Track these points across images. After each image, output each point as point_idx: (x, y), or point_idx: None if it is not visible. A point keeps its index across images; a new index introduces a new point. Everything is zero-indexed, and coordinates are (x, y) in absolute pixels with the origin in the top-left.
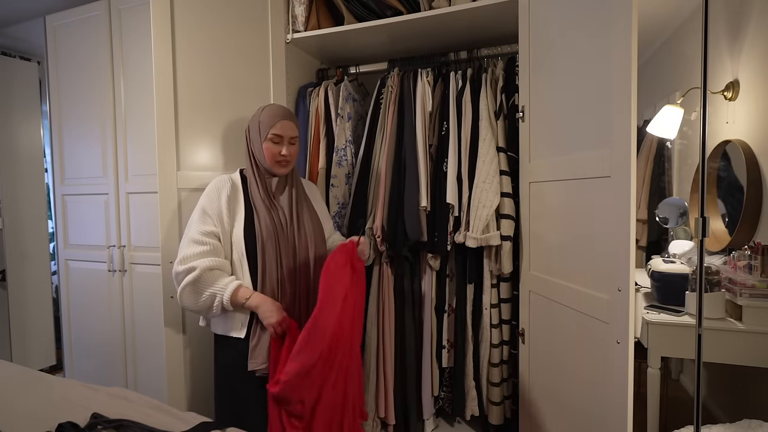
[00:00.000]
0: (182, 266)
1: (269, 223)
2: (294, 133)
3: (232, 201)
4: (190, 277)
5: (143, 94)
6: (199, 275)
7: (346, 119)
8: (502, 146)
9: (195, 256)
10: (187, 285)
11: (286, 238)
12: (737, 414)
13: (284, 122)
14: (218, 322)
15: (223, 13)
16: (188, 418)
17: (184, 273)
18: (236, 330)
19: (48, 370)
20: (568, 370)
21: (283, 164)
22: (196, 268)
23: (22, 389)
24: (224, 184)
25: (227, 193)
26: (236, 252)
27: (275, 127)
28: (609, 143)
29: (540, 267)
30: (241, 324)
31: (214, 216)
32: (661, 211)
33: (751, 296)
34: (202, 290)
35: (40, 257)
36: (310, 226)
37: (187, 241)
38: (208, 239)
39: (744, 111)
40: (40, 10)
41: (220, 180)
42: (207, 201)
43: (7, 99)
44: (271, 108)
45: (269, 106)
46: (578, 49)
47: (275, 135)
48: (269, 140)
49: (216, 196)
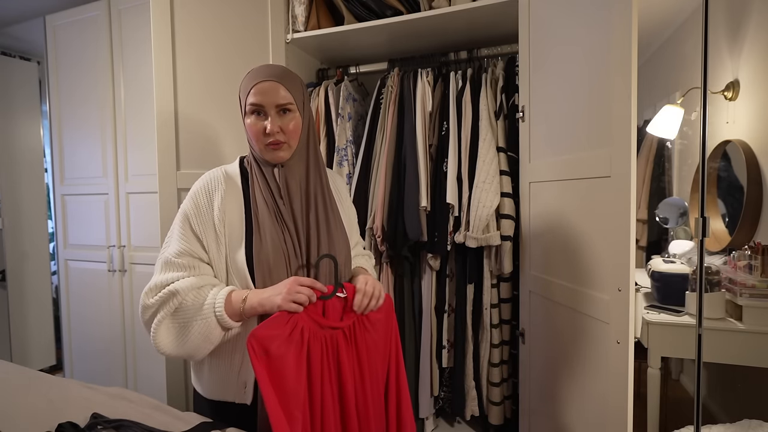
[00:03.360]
0: (152, 298)
1: (276, 242)
2: (282, 99)
3: (229, 206)
4: (168, 308)
5: (143, 95)
6: (180, 302)
7: (347, 119)
8: (502, 146)
9: (170, 281)
10: (164, 319)
11: (299, 263)
12: (737, 414)
13: (264, 84)
14: (211, 383)
15: (223, 13)
16: (188, 418)
17: (156, 304)
18: (237, 394)
19: (48, 370)
20: (568, 370)
21: (274, 146)
22: (177, 292)
23: (22, 389)
24: (217, 184)
25: (221, 196)
26: (238, 281)
27: (251, 94)
28: (609, 143)
29: (540, 267)
30: (245, 385)
31: (201, 230)
32: (661, 211)
33: (751, 296)
34: (188, 321)
35: (40, 257)
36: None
37: (160, 265)
38: (190, 261)
39: (744, 111)
40: (40, 10)
41: (210, 177)
42: (192, 207)
43: (7, 99)
44: (254, 69)
45: (253, 68)
46: (578, 48)
47: (252, 104)
48: (249, 113)
49: (206, 202)
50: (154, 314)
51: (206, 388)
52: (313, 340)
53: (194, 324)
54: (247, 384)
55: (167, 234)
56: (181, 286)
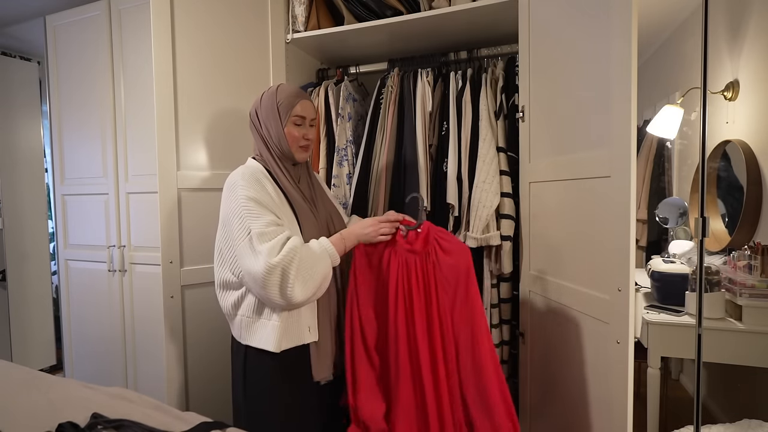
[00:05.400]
0: (274, 258)
1: (313, 222)
2: (314, 114)
3: (275, 196)
4: (296, 262)
5: (143, 95)
6: (301, 254)
7: (347, 119)
8: (502, 146)
9: (279, 243)
10: (299, 272)
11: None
12: (737, 414)
13: (305, 102)
14: (279, 334)
15: (223, 13)
16: (188, 418)
17: (281, 263)
18: (304, 336)
19: (48, 370)
20: (568, 370)
21: (305, 149)
22: (295, 247)
23: (22, 389)
24: (260, 176)
25: (269, 184)
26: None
27: (297, 108)
28: (609, 143)
29: (540, 267)
30: (308, 329)
31: (271, 206)
32: (661, 211)
33: (751, 296)
34: (313, 266)
35: (40, 257)
36: (336, 216)
37: (256, 237)
38: (277, 228)
39: (744, 111)
40: (40, 10)
41: (252, 170)
42: (254, 192)
43: (7, 99)
44: (287, 87)
45: (282, 85)
46: (578, 48)
47: (298, 117)
48: (291, 123)
49: (260, 187)
50: (285, 272)
51: (272, 340)
52: (393, 257)
53: (318, 268)
54: (310, 327)
55: (236, 219)
56: (294, 243)
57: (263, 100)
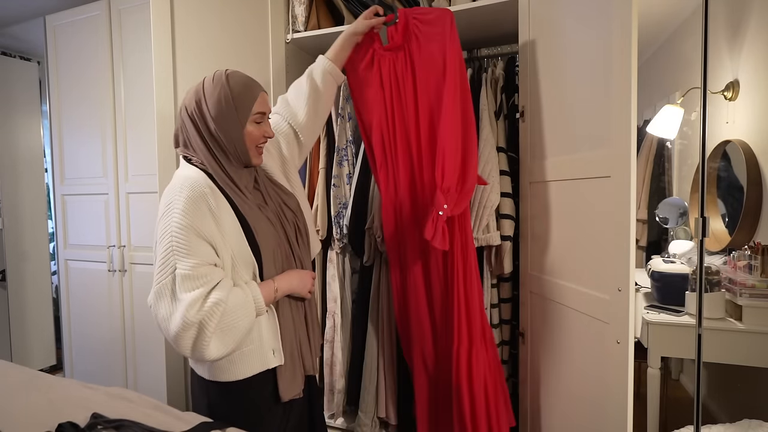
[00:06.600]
0: (193, 314)
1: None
2: (270, 107)
3: (221, 209)
4: (215, 319)
5: (143, 94)
6: (224, 309)
7: (347, 119)
8: (502, 146)
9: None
10: (216, 331)
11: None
12: (737, 414)
13: (264, 93)
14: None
15: (223, 13)
16: (188, 418)
17: (198, 319)
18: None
19: (48, 370)
20: (568, 370)
21: (261, 150)
22: (219, 301)
23: (22, 389)
24: (202, 192)
25: (212, 201)
26: (244, 270)
27: (258, 103)
28: (609, 143)
29: (540, 267)
30: (272, 350)
31: (209, 235)
32: (661, 211)
33: (751, 296)
34: (233, 323)
35: (40, 257)
36: (291, 201)
37: (179, 281)
38: (206, 270)
39: (744, 111)
40: (40, 10)
41: (192, 187)
42: (191, 218)
43: (7, 99)
44: (240, 75)
45: (233, 72)
46: (578, 48)
47: (259, 113)
48: (252, 121)
49: (201, 214)
50: (202, 329)
51: (237, 371)
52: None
53: (241, 323)
54: (275, 350)
55: (162, 250)
56: (219, 296)
57: (208, 91)
